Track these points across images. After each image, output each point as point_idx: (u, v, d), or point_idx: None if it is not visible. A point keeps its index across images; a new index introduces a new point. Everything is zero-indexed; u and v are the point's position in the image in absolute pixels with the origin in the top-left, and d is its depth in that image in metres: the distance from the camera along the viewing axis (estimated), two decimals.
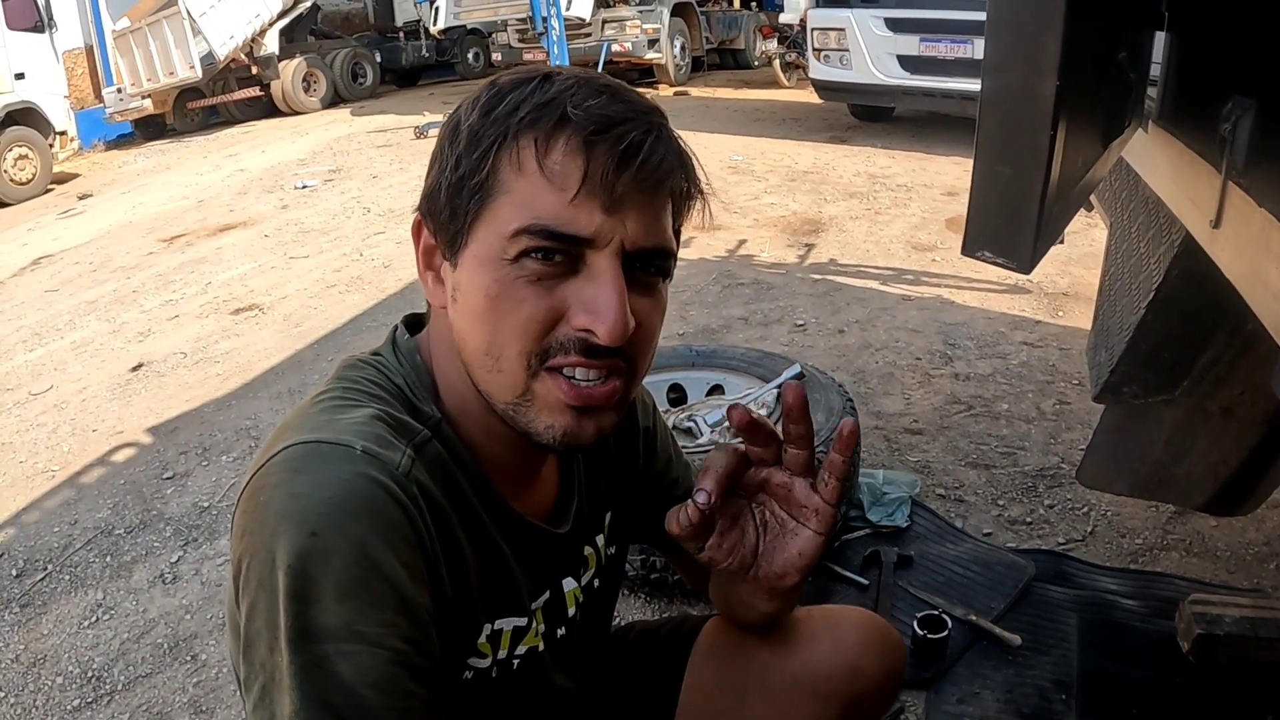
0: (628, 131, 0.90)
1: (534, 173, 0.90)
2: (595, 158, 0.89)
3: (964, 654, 2.38)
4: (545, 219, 0.89)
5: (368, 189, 8.94)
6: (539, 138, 0.90)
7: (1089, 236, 5.21)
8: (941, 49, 8.20)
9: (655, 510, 1.31)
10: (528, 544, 1.10)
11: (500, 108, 0.92)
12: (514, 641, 1.10)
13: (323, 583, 0.82)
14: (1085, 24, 0.96)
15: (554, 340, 0.93)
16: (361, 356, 1.07)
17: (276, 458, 0.89)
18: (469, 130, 0.93)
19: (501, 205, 0.91)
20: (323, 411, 0.96)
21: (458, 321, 0.97)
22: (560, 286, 0.92)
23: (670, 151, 0.94)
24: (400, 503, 0.89)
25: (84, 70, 16.78)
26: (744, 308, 5.06)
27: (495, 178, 0.91)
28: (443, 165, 0.95)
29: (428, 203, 0.98)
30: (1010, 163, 0.99)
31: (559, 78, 0.93)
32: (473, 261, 0.93)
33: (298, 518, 0.84)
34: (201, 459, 3.95)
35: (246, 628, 0.86)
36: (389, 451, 0.91)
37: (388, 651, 0.84)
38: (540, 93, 0.92)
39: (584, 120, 0.89)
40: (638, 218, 0.92)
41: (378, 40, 18.41)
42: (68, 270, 7.60)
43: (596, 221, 0.90)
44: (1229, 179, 1.10)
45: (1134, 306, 1.81)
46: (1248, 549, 2.74)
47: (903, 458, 3.36)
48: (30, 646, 2.86)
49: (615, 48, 13.68)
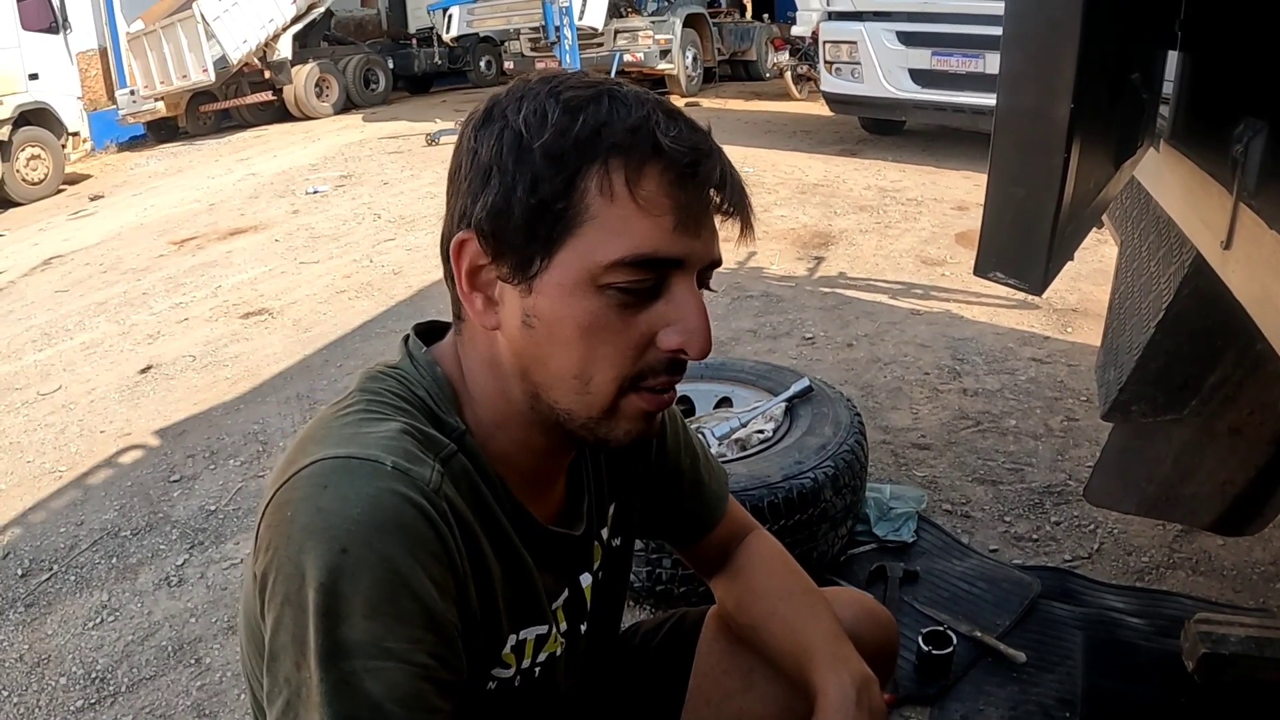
0: (713, 166, 0.93)
1: (625, 199, 0.90)
2: (689, 191, 0.92)
3: (969, 670, 2.38)
4: (644, 248, 0.90)
5: (379, 195, 8.95)
6: (630, 164, 0.90)
7: (1098, 253, 5.20)
8: (953, 63, 8.20)
9: (669, 502, 1.34)
10: (548, 549, 1.10)
11: (579, 128, 0.90)
12: (536, 650, 1.10)
13: (352, 599, 0.83)
14: (1100, 45, 0.97)
15: (646, 364, 0.95)
16: (381, 368, 1.06)
17: (304, 472, 0.89)
18: (545, 150, 0.90)
19: (590, 232, 0.91)
20: (348, 424, 0.95)
21: (533, 347, 0.96)
22: (645, 311, 0.94)
23: (738, 182, 0.97)
24: (430, 519, 0.89)
25: (97, 72, 16.87)
26: (753, 320, 5.06)
27: (583, 203, 0.90)
28: (509, 183, 0.92)
29: (494, 222, 0.93)
30: (1024, 184, 0.99)
31: (629, 95, 0.93)
32: (556, 289, 0.92)
33: (327, 534, 0.84)
34: (209, 462, 3.95)
35: (272, 642, 0.86)
36: (418, 467, 0.91)
37: (415, 668, 0.85)
38: (620, 114, 0.91)
39: (676, 152, 0.90)
40: (710, 238, 0.96)
41: (390, 47, 18.46)
42: (78, 271, 7.63)
43: (686, 246, 0.93)
44: (1240, 200, 1.10)
45: (1144, 325, 1.81)
46: (1254, 568, 2.74)
47: (910, 473, 3.36)
48: (35, 646, 2.86)
49: (627, 58, 13.72)
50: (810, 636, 1.25)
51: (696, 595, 2.52)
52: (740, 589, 1.37)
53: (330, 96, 16.10)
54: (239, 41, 14.38)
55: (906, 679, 2.34)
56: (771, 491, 2.46)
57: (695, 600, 2.53)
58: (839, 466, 2.59)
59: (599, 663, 1.30)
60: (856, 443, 2.69)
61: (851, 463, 2.64)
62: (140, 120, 15.12)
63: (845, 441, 2.66)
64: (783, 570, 1.37)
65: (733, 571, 1.38)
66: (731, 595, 1.38)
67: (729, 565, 1.39)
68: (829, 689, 1.18)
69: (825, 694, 1.17)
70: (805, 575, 1.38)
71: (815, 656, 1.22)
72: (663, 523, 1.37)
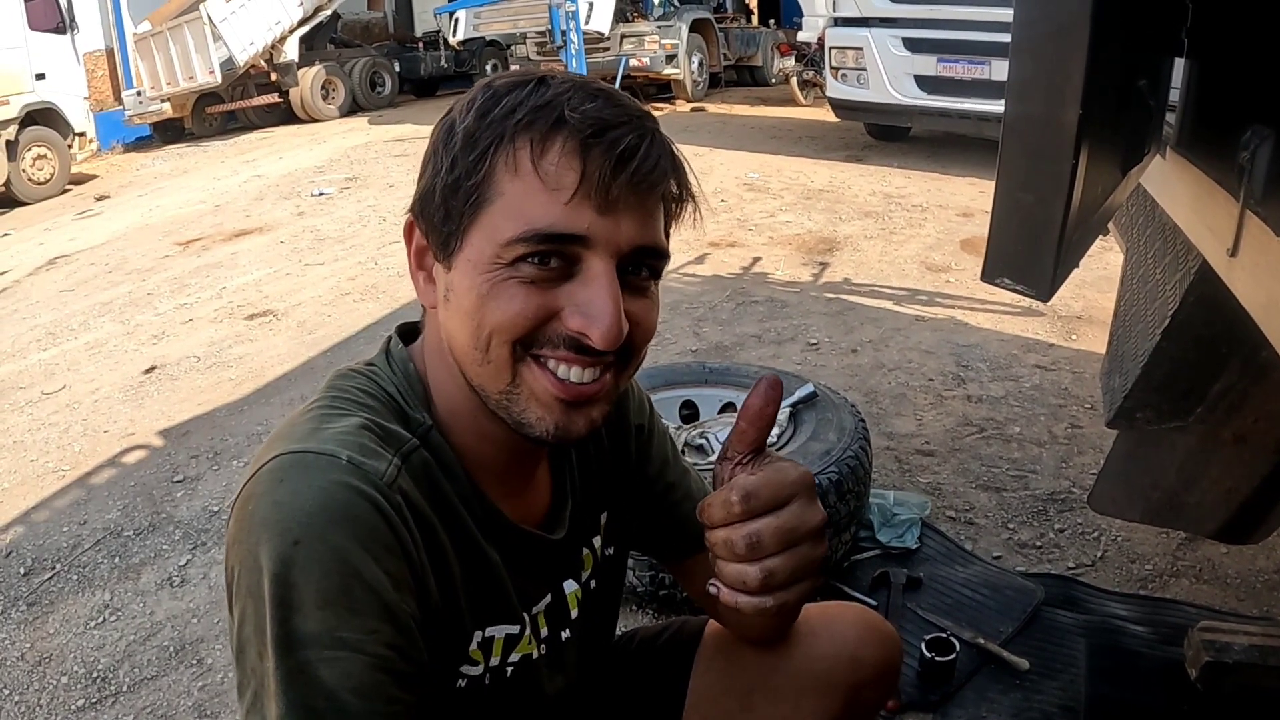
0: (623, 135, 0.90)
1: (529, 174, 0.90)
2: (591, 160, 0.89)
3: (972, 677, 2.37)
4: (540, 224, 0.89)
5: (384, 198, 8.97)
6: (534, 140, 0.90)
7: (1103, 259, 5.20)
8: (959, 69, 8.21)
9: (653, 517, 1.33)
10: (522, 550, 1.10)
11: (496, 110, 0.92)
12: (506, 649, 1.10)
13: (305, 590, 0.84)
14: (1108, 52, 0.97)
15: (542, 334, 0.93)
16: (354, 366, 1.08)
17: (264, 467, 0.91)
18: (464, 132, 0.93)
19: (496, 210, 0.91)
20: (310, 420, 0.96)
21: (448, 321, 0.97)
22: (554, 290, 0.92)
23: (664, 154, 0.95)
24: (383, 511, 0.89)
25: (104, 72, 16.93)
26: (757, 325, 5.06)
27: (490, 180, 0.91)
28: (437, 167, 0.95)
29: (421, 204, 0.98)
30: (1032, 190, 0.99)
31: (554, 81, 0.94)
32: (466, 265, 0.93)
33: (281, 526, 0.85)
34: (212, 463, 3.96)
35: (238, 634, 0.88)
36: (374, 461, 0.92)
37: (370, 657, 0.85)
38: (536, 95, 0.92)
39: (580, 123, 0.89)
40: (632, 219, 0.93)
41: (397, 50, 18.49)
42: (83, 271, 7.64)
43: (590, 221, 0.90)
44: (1247, 207, 1.10)
45: (1149, 333, 1.81)
46: (1258, 576, 2.73)
47: (914, 479, 3.36)
48: (36, 645, 2.87)
49: (633, 62, 13.74)
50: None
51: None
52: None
53: (336, 99, 16.12)
54: (245, 43, 14.41)
55: (909, 686, 2.33)
56: None
57: (697, 608, 2.53)
58: (843, 472, 2.58)
59: (592, 669, 1.29)
60: (861, 448, 2.69)
61: (855, 468, 2.63)
62: (146, 121, 15.16)
63: (849, 447, 2.66)
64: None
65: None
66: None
67: None
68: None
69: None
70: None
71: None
72: (648, 536, 1.36)
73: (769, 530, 0.90)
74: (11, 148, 11.55)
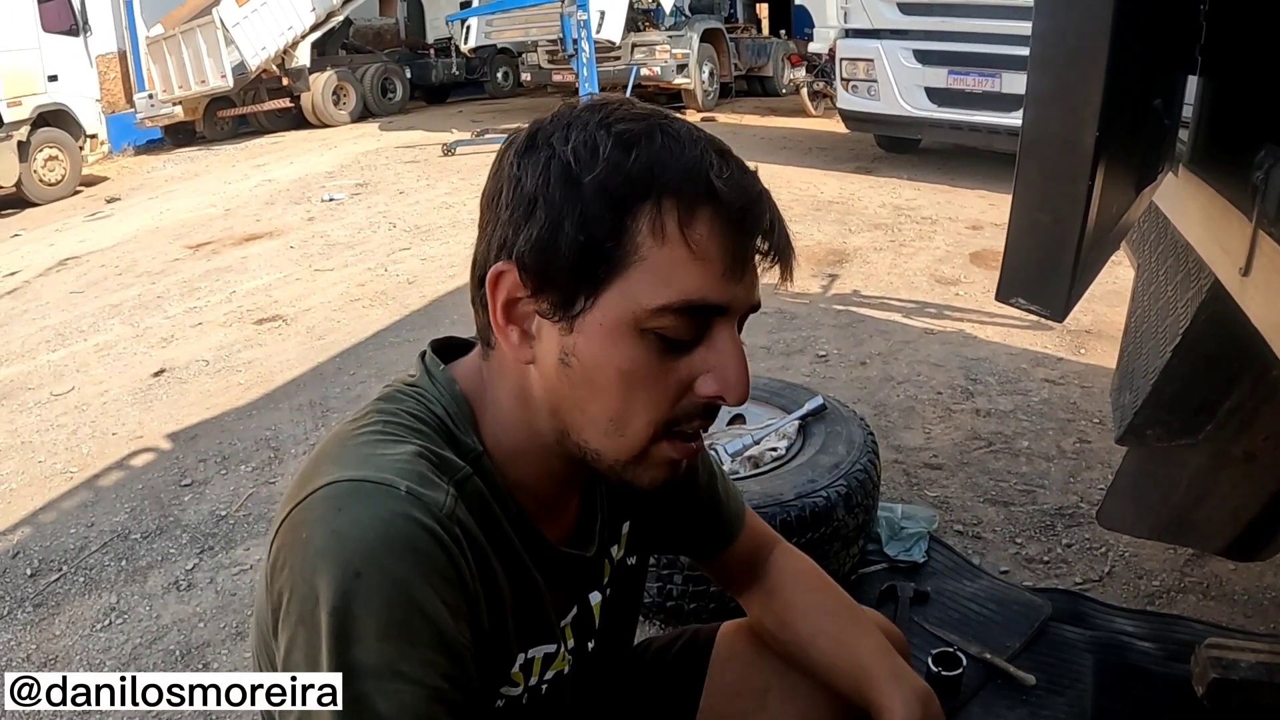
0: (762, 212, 0.92)
1: (677, 242, 0.88)
2: (740, 237, 0.90)
3: (978, 692, 2.37)
4: (693, 295, 0.89)
5: (394, 204, 8.99)
6: (682, 207, 0.88)
7: (1112, 274, 5.15)
8: (970, 82, 8.20)
9: (691, 520, 1.34)
10: (558, 570, 1.10)
11: (631, 164, 0.88)
12: (544, 668, 1.10)
13: (366, 622, 0.83)
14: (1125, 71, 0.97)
15: (681, 410, 0.94)
16: (399, 387, 1.06)
17: (319, 493, 0.89)
18: (597, 185, 0.88)
19: (638, 274, 0.89)
20: (364, 445, 0.95)
21: (569, 387, 0.95)
22: (684, 357, 0.93)
23: (784, 228, 0.96)
24: (443, 543, 0.89)
25: (116, 74, 16.99)
26: (767, 337, 5.06)
27: (633, 243, 0.89)
28: (557, 217, 0.89)
29: (538, 257, 0.91)
30: (1049, 211, 0.99)
31: (681, 131, 0.92)
32: (598, 330, 0.91)
33: (341, 557, 0.84)
34: (220, 467, 3.96)
35: (285, 660, 0.87)
36: (432, 492, 0.91)
37: (427, 690, 0.85)
38: (674, 152, 0.89)
39: (729, 196, 0.89)
40: (753, 283, 0.95)
41: (408, 56, 18.54)
42: (93, 273, 7.67)
43: (733, 293, 0.91)
44: (1259, 227, 1.10)
45: (1160, 350, 1.81)
46: (1265, 594, 2.72)
47: (922, 492, 3.35)
48: (42, 646, 2.87)
49: (644, 72, 13.77)
50: (863, 654, 1.26)
51: (707, 611, 2.52)
52: (780, 606, 1.37)
53: (347, 104, 16.17)
54: (258, 48, 14.47)
55: None
56: (784, 509, 2.46)
57: (706, 616, 2.53)
58: (851, 485, 2.58)
59: (609, 679, 1.29)
60: (869, 462, 2.69)
61: (864, 482, 2.63)
62: (158, 124, 15.23)
63: (858, 460, 2.66)
64: (820, 586, 1.38)
65: (768, 588, 1.38)
66: (771, 613, 1.38)
67: (761, 581, 1.39)
68: (895, 706, 1.19)
69: (891, 711, 1.19)
70: (841, 590, 1.39)
71: (873, 674, 1.23)
72: (683, 538, 1.37)
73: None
74: (23, 148, 11.60)
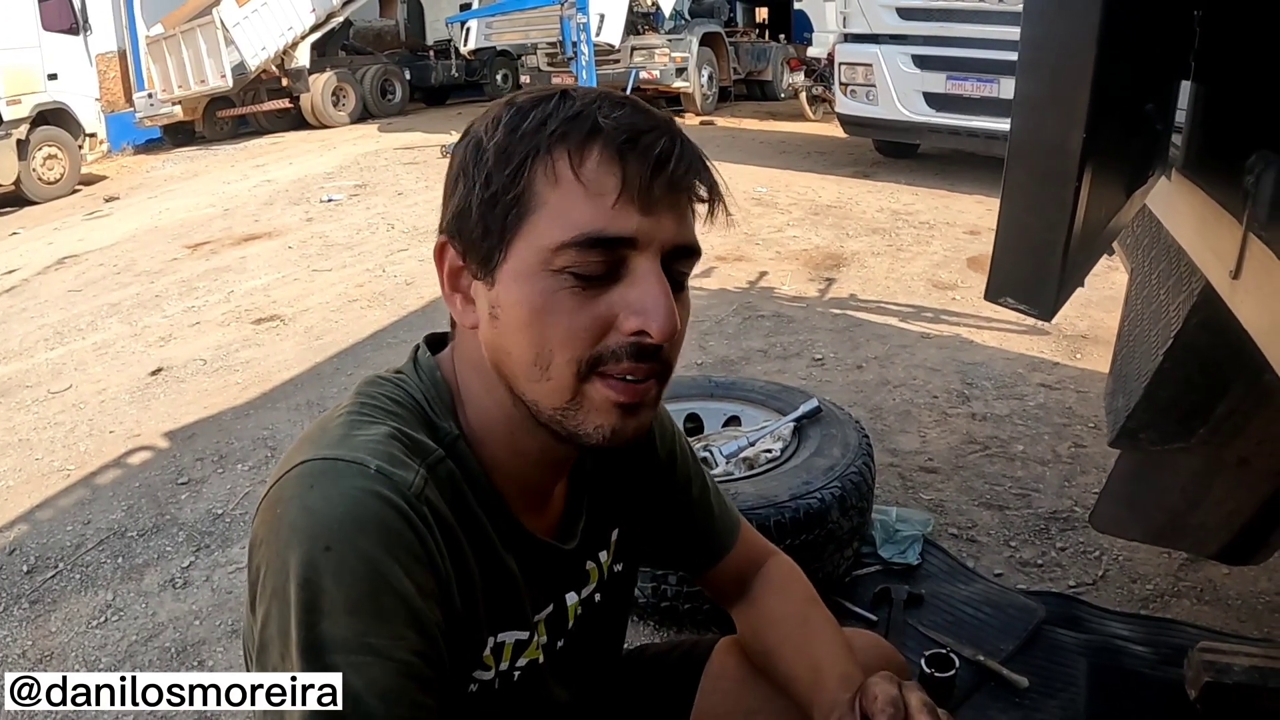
0: (656, 138, 0.93)
1: (571, 182, 0.91)
2: (630, 164, 0.91)
3: (971, 695, 2.37)
4: (589, 228, 0.91)
5: (393, 205, 8.99)
6: (572, 149, 0.92)
7: (1108, 279, 5.20)
8: (968, 87, 8.22)
9: (682, 534, 1.35)
10: (535, 559, 1.11)
11: (526, 124, 0.93)
12: (515, 654, 1.11)
13: (334, 596, 0.85)
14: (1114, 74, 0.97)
15: (605, 348, 0.94)
16: (383, 374, 1.09)
17: (293, 472, 0.92)
18: (496, 148, 0.94)
19: (539, 219, 0.92)
20: (340, 426, 0.98)
21: (498, 338, 0.97)
22: (604, 294, 0.93)
23: (694, 157, 0.97)
24: (411, 522, 0.91)
25: (116, 74, 17.00)
26: (763, 340, 5.06)
27: (530, 191, 0.92)
28: (469, 184, 0.96)
29: (456, 223, 0.98)
30: (1036, 212, 1.00)
31: (578, 93, 0.96)
32: (512, 277, 0.94)
33: (311, 532, 0.86)
34: (218, 466, 3.97)
35: (261, 634, 0.89)
36: (402, 471, 0.93)
37: (396, 663, 0.86)
38: (565, 108, 0.94)
39: (615, 130, 0.92)
40: (670, 219, 0.95)
41: (408, 58, 18.56)
42: (92, 271, 7.67)
43: (636, 223, 0.92)
44: (1250, 231, 1.11)
45: (1152, 354, 1.81)
46: (1259, 598, 2.73)
47: (917, 496, 3.36)
48: (38, 643, 2.88)
49: (643, 75, 13.78)
50: (820, 658, 1.24)
51: (701, 614, 2.53)
52: (755, 615, 1.37)
53: (347, 106, 16.19)
54: (258, 49, 14.49)
55: None
56: (778, 511, 2.46)
57: (700, 618, 2.54)
58: (846, 488, 2.59)
59: (594, 681, 1.30)
60: (864, 464, 2.70)
61: (859, 484, 2.64)
62: (157, 123, 15.25)
63: (853, 463, 2.67)
64: (798, 597, 1.37)
65: (750, 599, 1.38)
66: (748, 623, 1.38)
67: (748, 593, 1.39)
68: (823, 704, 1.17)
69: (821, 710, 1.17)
70: (820, 602, 1.37)
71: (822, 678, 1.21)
72: (673, 550, 1.37)
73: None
74: (22, 147, 11.61)
